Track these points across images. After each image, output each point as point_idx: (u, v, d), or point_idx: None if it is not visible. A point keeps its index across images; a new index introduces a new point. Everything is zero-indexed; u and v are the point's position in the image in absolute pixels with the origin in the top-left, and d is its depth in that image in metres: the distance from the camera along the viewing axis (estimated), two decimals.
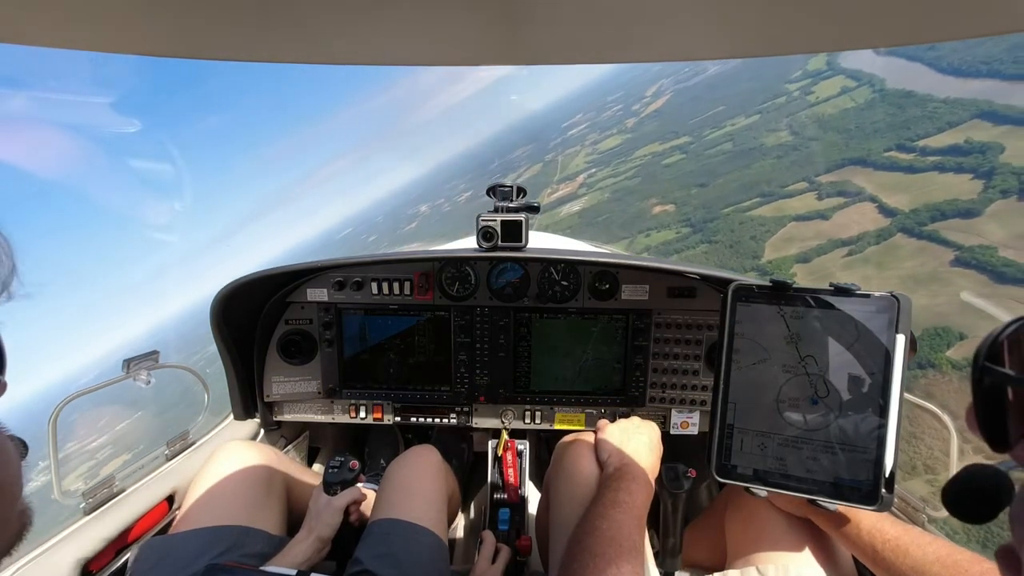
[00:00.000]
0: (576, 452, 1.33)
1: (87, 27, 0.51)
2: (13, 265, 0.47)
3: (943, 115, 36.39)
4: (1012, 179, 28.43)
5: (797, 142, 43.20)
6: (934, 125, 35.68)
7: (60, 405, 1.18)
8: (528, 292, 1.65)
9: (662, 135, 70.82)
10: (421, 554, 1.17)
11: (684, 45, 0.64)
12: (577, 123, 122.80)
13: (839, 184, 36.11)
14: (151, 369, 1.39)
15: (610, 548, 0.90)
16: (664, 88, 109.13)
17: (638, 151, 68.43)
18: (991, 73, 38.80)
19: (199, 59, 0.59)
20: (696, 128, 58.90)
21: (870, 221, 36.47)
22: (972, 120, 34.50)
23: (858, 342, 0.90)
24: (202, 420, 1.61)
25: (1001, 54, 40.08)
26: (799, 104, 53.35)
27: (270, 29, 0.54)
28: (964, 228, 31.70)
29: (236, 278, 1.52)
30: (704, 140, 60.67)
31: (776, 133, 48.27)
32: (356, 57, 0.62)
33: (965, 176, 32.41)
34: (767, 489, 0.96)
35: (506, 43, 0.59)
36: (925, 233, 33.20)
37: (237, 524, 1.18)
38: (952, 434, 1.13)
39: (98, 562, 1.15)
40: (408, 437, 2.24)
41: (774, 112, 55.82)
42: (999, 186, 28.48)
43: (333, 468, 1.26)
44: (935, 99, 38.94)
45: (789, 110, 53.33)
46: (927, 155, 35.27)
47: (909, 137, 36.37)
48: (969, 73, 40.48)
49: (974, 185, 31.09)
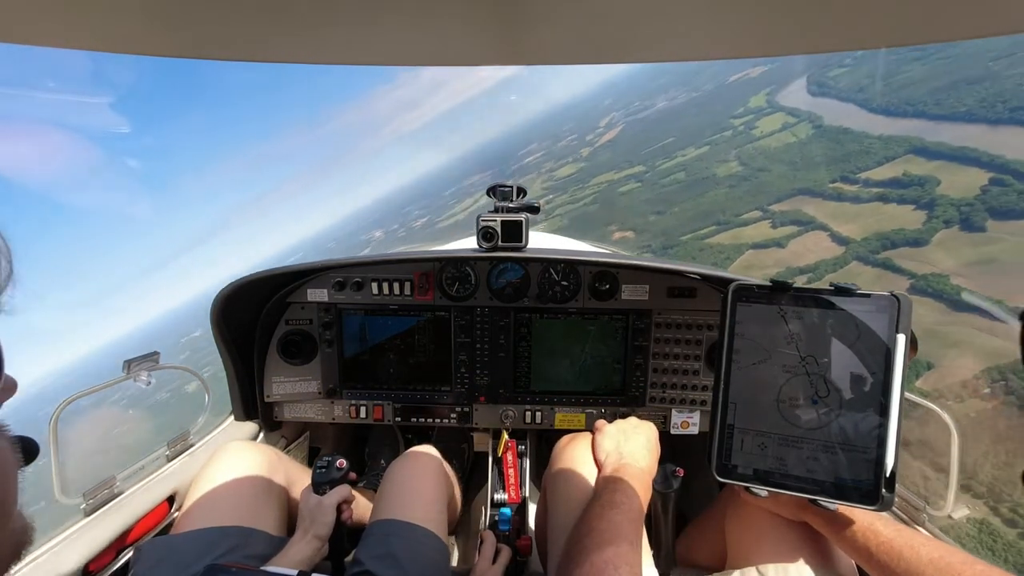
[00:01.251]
0: (574, 452, 1.33)
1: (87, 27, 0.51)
2: (11, 271, 0.46)
3: (879, 150, 38.25)
4: (952, 210, 29.63)
5: (747, 172, 44.63)
6: (872, 159, 37.55)
7: (61, 406, 1.18)
8: (528, 292, 1.65)
9: (617, 164, 72.57)
10: (422, 554, 1.17)
11: (685, 45, 0.64)
12: (533, 151, 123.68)
13: (791, 213, 37.54)
14: (151, 370, 1.39)
15: (607, 550, 0.90)
16: (616, 120, 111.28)
17: (594, 179, 69.99)
18: (916, 114, 40.96)
19: (199, 59, 0.59)
20: (649, 158, 60.50)
21: (825, 249, 37.72)
22: (906, 155, 36.35)
23: (858, 341, 0.90)
24: (202, 421, 1.61)
25: (924, 96, 42.41)
26: (745, 137, 55.37)
27: (269, 29, 0.54)
28: (915, 256, 32.76)
29: (236, 278, 1.52)
30: (658, 169, 62.42)
31: (726, 164, 49.83)
32: (356, 57, 0.62)
33: (908, 207, 33.80)
34: (767, 489, 0.96)
35: (507, 43, 0.59)
36: (879, 261, 34.24)
37: (238, 525, 1.18)
38: (953, 434, 1.13)
39: (98, 562, 1.15)
40: (408, 437, 2.24)
41: (723, 144, 57.82)
42: (941, 216, 29.71)
43: (321, 468, 1.25)
44: (870, 135, 41.02)
45: (736, 143, 55.44)
46: (870, 186, 36.85)
47: (851, 170, 38.10)
48: (897, 113, 42.71)
49: (918, 215, 32.40)
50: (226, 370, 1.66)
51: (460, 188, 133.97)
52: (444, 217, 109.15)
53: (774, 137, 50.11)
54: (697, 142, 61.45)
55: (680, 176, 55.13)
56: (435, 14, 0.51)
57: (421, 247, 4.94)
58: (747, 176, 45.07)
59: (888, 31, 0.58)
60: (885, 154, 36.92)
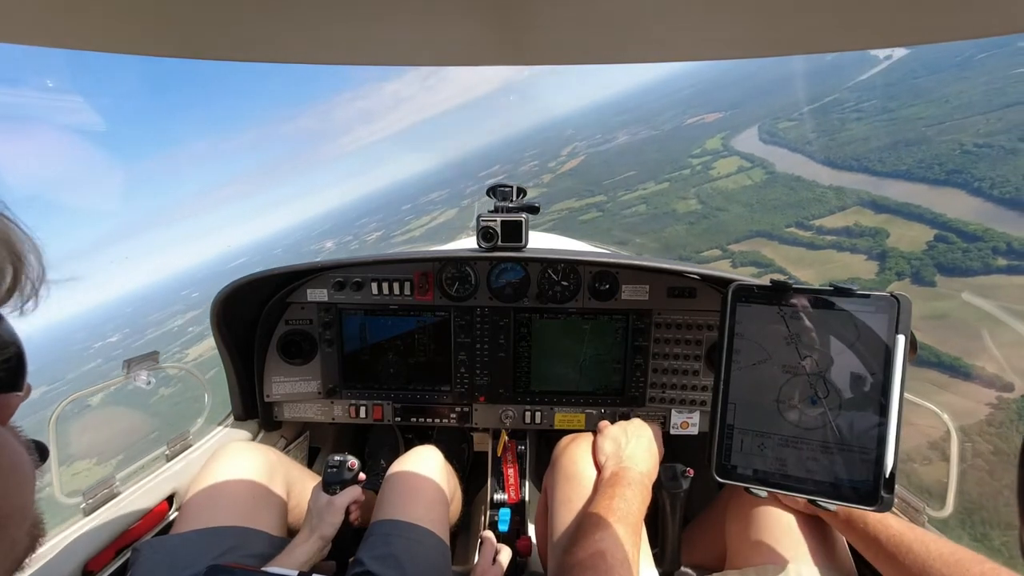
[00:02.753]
0: (575, 454, 1.33)
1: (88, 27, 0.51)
2: (43, 270, 0.47)
3: (830, 199, 39.01)
4: (903, 263, 30.23)
5: (706, 211, 45.39)
6: (825, 207, 38.17)
7: (61, 405, 1.18)
8: (528, 292, 1.65)
9: (578, 192, 73.27)
10: (422, 555, 1.17)
11: (685, 45, 0.64)
12: (494, 174, 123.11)
13: (750, 254, 37.98)
14: (151, 370, 1.39)
15: (603, 563, 0.90)
16: (578, 150, 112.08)
17: (555, 205, 70.56)
18: (862, 168, 42.00)
19: (199, 59, 0.59)
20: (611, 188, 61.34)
21: None
22: (855, 206, 37.11)
23: (858, 342, 0.90)
24: (202, 421, 1.61)
25: (868, 153, 43.98)
26: (703, 177, 56.41)
27: (269, 29, 0.54)
28: None
29: (236, 278, 1.52)
30: (619, 200, 63.13)
31: (686, 201, 50.76)
32: (357, 57, 0.62)
33: (860, 256, 34.21)
34: (767, 489, 0.96)
35: (507, 43, 0.59)
36: None
37: (238, 525, 1.18)
38: (952, 435, 1.13)
39: (98, 562, 1.15)
40: (408, 437, 2.24)
41: (681, 182, 58.77)
42: (894, 268, 30.34)
43: (332, 468, 1.25)
44: (820, 185, 41.94)
45: (694, 181, 56.44)
46: (824, 234, 37.46)
47: (805, 216, 38.68)
48: (844, 167, 43.68)
49: (870, 266, 32.89)
50: (226, 370, 1.66)
51: (417, 204, 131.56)
52: (399, 232, 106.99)
53: (731, 179, 51.27)
54: (658, 177, 62.53)
55: (642, 209, 56.32)
56: (435, 14, 0.51)
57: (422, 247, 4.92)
58: (706, 214, 45.78)
59: (888, 31, 0.58)
60: (836, 203, 37.85)
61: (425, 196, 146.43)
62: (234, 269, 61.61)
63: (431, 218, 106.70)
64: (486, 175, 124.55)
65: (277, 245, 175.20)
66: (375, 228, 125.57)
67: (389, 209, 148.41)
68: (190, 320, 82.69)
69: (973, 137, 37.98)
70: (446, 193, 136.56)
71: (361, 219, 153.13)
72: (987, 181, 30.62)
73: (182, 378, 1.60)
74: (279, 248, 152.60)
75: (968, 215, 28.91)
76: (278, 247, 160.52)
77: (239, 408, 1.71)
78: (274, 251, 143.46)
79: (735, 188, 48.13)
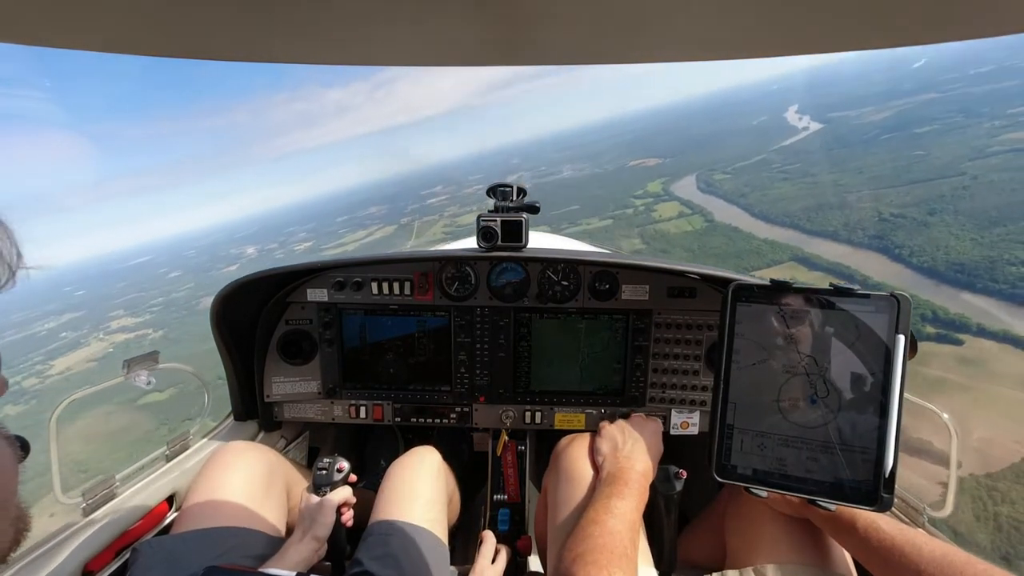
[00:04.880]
0: (574, 453, 1.33)
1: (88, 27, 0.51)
2: (18, 251, 0.49)
3: (767, 252, 39.45)
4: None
5: (650, 251, 46.00)
6: (762, 260, 38.52)
7: (60, 405, 1.18)
8: (528, 292, 1.65)
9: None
10: (421, 555, 1.17)
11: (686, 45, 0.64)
12: (437, 194, 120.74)
13: None
14: (151, 370, 1.39)
15: (602, 555, 0.90)
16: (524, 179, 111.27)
17: None
18: (792, 225, 42.74)
19: (199, 59, 0.59)
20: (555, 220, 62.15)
21: None
22: (790, 262, 37.48)
23: (858, 342, 0.90)
24: (202, 421, 1.61)
25: (797, 211, 44.62)
26: (646, 218, 57.08)
27: (269, 29, 0.54)
28: None
29: (236, 279, 1.52)
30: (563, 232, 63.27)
31: (630, 239, 51.05)
32: (356, 57, 0.62)
33: None
34: (767, 489, 0.96)
35: (507, 43, 0.59)
36: None
37: (237, 525, 1.18)
38: (952, 436, 1.13)
39: (98, 563, 1.15)
40: (408, 437, 2.24)
41: (625, 220, 59.30)
42: None
43: (321, 470, 1.25)
44: (757, 238, 42.54)
45: (637, 221, 57.04)
46: None
47: (745, 267, 38.81)
48: (776, 222, 44.32)
49: None
50: (226, 370, 1.66)
51: (354, 218, 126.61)
52: (331, 245, 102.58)
53: (672, 223, 52.13)
54: (601, 214, 63.09)
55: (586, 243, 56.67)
56: (435, 14, 0.51)
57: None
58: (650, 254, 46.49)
59: (888, 31, 0.58)
60: (772, 257, 38.33)
61: (364, 210, 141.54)
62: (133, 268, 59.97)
63: (367, 233, 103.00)
64: (428, 194, 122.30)
65: (190, 246, 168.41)
66: (304, 238, 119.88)
67: (322, 219, 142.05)
68: (66, 324, 74.86)
69: (888, 207, 39.17)
70: (385, 209, 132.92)
71: (290, 227, 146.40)
72: (906, 249, 31.84)
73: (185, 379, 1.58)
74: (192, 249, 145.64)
75: (892, 280, 29.76)
76: (191, 248, 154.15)
77: (239, 408, 1.71)
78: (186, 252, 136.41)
79: (677, 232, 48.99)
